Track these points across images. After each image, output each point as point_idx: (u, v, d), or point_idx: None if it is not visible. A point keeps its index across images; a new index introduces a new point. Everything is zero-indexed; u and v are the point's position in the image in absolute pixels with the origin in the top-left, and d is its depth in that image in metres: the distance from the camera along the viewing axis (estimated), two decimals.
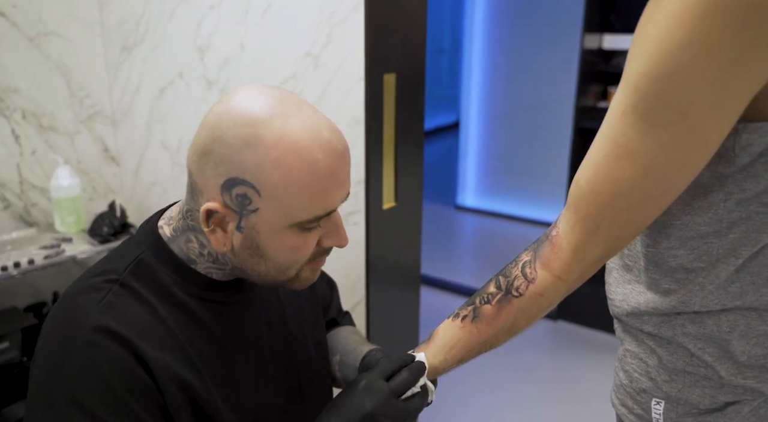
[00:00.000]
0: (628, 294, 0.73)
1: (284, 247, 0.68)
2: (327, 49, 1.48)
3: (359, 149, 1.49)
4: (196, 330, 0.72)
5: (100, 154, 2.03)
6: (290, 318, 0.87)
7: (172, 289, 0.71)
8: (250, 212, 0.65)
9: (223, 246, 0.68)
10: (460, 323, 0.75)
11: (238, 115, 0.63)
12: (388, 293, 1.69)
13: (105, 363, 0.64)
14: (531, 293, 0.69)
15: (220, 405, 0.72)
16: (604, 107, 2.82)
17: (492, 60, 3.99)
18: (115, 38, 1.92)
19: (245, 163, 0.62)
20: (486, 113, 4.14)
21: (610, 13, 2.73)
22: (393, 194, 1.62)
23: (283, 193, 0.63)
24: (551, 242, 0.68)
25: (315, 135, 0.64)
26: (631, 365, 0.75)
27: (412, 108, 1.62)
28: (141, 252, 0.72)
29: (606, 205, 0.61)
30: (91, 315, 0.66)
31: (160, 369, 0.66)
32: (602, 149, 0.60)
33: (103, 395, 0.63)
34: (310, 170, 0.63)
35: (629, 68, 0.57)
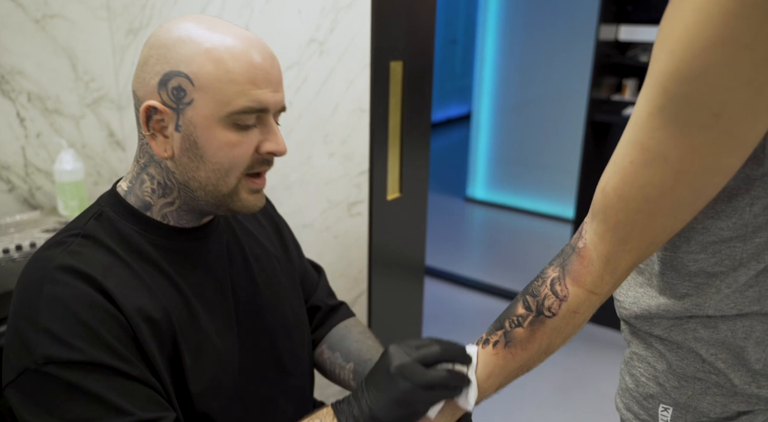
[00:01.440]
0: (639, 297, 0.70)
1: (221, 143, 0.70)
2: (332, 35, 1.45)
3: (364, 138, 1.46)
4: (158, 275, 0.75)
5: (106, 139, 2.02)
6: (261, 281, 0.88)
7: (133, 238, 0.74)
8: (186, 105, 0.69)
9: (164, 152, 0.72)
10: (492, 350, 0.70)
11: (173, 26, 0.71)
12: (391, 285, 1.67)
13: (71, 297, 0.66)
14: (564, 311, 0.65)
15: (181, 346, 0.74)
16: (619, 100, 2.76)
17: (505, 51, 3.93)
18: (120, 22, 1.90)
19: (178, 56, 0.68)
20: (498, 105, 4.09)
21: (626, 3, 2.67)
22: (398, 185, 1.59)
23: (215, 81, 0.68)
24: (579, 255, 0.64)
25: (242, 34, 0.71)
26: (638, 369, 0.72)
27: (419, 97, 1.59)
28: (100, 208, 0.76)
29: (636, 213, 0.58)
30: (57, 260, 0.69)
31: (125, 303, 0.68)
32: (629, 154, 0.56)
33: (73, 324, 0.65)
34: (239, 60, 0.69)
35: (655, 67, 0.53)
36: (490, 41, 3.99)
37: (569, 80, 3.61)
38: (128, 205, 0.76)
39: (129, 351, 0.68)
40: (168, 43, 0.69)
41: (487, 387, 0.71)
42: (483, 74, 4.08)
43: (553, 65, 3.69)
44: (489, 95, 4.12)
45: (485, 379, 0.71)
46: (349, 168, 1.51)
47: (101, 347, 0.65)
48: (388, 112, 1.49)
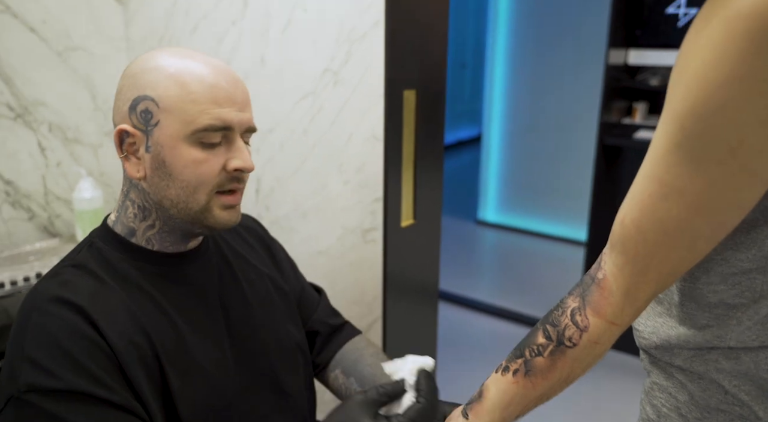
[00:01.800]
0: (658, 327, 0.70)
1: (187, 161, 0.74)
2: (346, 65, 1.48)
3: (378, 166, 1.48)
4: (144, 300, 0.77)
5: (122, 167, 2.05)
6: (255, 302, 0.90)
7: (120, 266, 0.78)
8: (153, 127, 0.74)
9: (137, 173, 0.76)
10: (512, 378, 0.70)
11: (143, 58, 0.77)
12: (405, 311, 1.68)
13: (55, 327, 0.69)
14: (585, 342, 0.65)
15: (167, 370, 0.75)
16: (629, 123, 2.78)
17: (515, 74, 3.97)
18: (139, 53, 1.95)
19: (145, 82, 0.74)
20: (508, 128, 4.12)
21: (635, 28, 2.69)
22: (412, 211, 1.60)
23: (178, 102, 0.73)
24: (599, 286, 0.64)
25: (208, 63, 0.76)
26: (660, 399, 0.72)
27: (432, 124, 1.61)
28: (91, 239, 0.81)
29: (655, 245, 0.58)
30: (47, 292, 0.73)
31: (110, 331, 0.71)
32: (647, 188, 0.57)
33: (55, 352, 0.68)
34: (201, 81, 0.74)
35: (672, 102, 0.54)
36: (499, 65, 4.03)
37: (578, 103, 3.64)
38: (115, 234, 0.80)
39: (113, 379, 0.69)
40: (137, 71, 0.75)
41: (507, 416, 0.71)
42: (492, 97, 4.12)
43: (563, 88, 3.72)
44: (499, 118, 4.15)
45: (505, 407, 0.71)
46: (364, 195, 1.52)
47: (84, 375, 0.67)
48: (402, 140, 1.51)
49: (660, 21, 2.64)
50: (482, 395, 0.73)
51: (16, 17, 1.71)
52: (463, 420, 0.73)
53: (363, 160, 1.51)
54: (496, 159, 4.25)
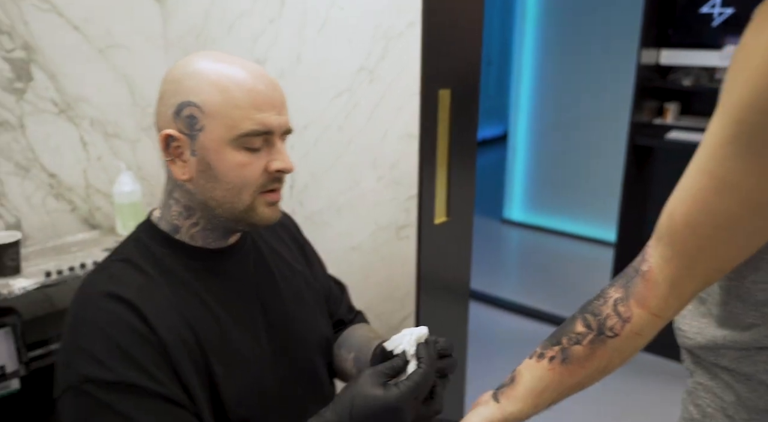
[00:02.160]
0: (703, 327, 0.70)
1: (231, 164, 0.77)
2: (382, 63, 1.50)
3: (413, 163, 1.50)
4: (188, 295, 0.81)
5: (159, 161, 2.10)
6: (288, 297, 0.94)
7: (165, 260, 0.82)
8: (198, 132, 0.77)
9: (183, 175, 0.79)
10: (548, 364, 0.70)
11: (183, 63, 0.79)
12: (437, 308, 1.69)
13: (108, 322, 0.73)
14: (627, 333, 0.65)
15: (212, 361, 0.80)
16: (660, 124, 2.75)
17: (542, 72, 3.95)
18: (176, 51, 1.99)
19: (188, 88, 0.77)
20: (535, 126, 4.09)
21: (667, 27, 2.67)
22: (445, 209, 1.62)
23: (221, 108, 0.76)
24: (644, 278, 0.64)
25: (246, 67, 0.78)
26: (704, 399, 0.71)
27: (466, 122, 1.62)
28: (137, 234, 0.85)
29: (705, 239, 0.59)
30: (98, 286, 0.77)
31: (158, 324, 0.75)
32: (698, 182, 0.58)
33: (109, 346, 0.72)
34: (241, 87, 0.76)
35: (728, 97, 0.55)
36: (526, 62, 4.01)
37: (607, 102, 3.60)
38: (160, 230, 0.84)
39: (162, 372, 0.73)
40: (179, 77, 0.78)
41: (540, 403, 0.71)
42: (519, 95, 4.10)
43: (590, 87, 3.69)
44: (526, 116, 4.13)
45: (539, 394, 0.71)
46: (398, 192, 1.54)
47: (134, 368, 0.72)
48: (437, 138, 1.53)
49: (693, 20, 2.61)
50: (515, 380, 0.73)
51: (61, 16, 1.76)
52: (494, 403, 0.73)
53: (398, 157, 1.53)
54: (523, 157, 4.23)
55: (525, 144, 4.19)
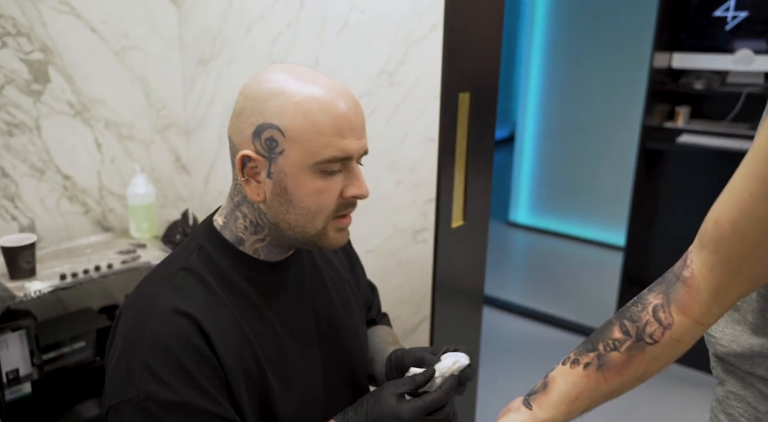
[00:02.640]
0: (738, 335, 0.70)
1: (309, 190, 0.76)
2: (402, 67, 1.49)
3: (432, 167, 1.50)
4: (249, 309, 0.81)
5: (173, 163, 2.10)
6: (338, 305, 0.94)
7: (227, 272, 0.81)
8: (278, 155, 0.75)
9: (257, 196, 0.77)
10: (583, 371, 0.69)
11: (264, 78, 0.76)
12: (452, 312, 1.69)
13: (172, 338, 0.73)
14: (668, 340, 0.65)
15: (269, 377, 0.80)
16: (672, 127, 2.75)
17: (549, 75, 3.95)
18: (191, 53, 1.99)
19: (272, 109, 0.74)
20: (542, 128, 4.09)
21: (680, 31, 2.66)
22: (462, 213, 1.62)
23: (304, 133, 0.73)
24: (686, 284, 0.64)
25: (330, 87, 0.76)
26: (737, 409, 0.71)
27: (484, 126, 1.62)
28: (200, 242, 0.83)
29: (752, 245, 0.58)
30: (163, 297, 0.76)
31: (220, 344, 0.75)
32: (749, 187, 0.57)
33: (171, 364, 0.72)
34: (327, 113, 0.74)
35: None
36: (534, 64, 4.00)
37: (615, 105, 3.60)
38: (224, 240, 0.82)
39: (220, 393, 0.74)
40: (261, 95, 0.75)
41: (573, 410, 0.70)
42: (527, 97, 4.09)
43: (598, 90, 3.68)
44: (533, 118, 4.12)
45: (573, 401, 0.70)
46: (417, 196, 1.54)
47: (194, 388, 0.72)
48: (455, 142, 1.52)
49: (707, 24, 2.60)
50: (548, 386, 0.72)
51: (79, 18, 1.76)
52: (525, 410, 0.72)
53: (416, 160, 1.53)
54: (530, 159, 4.22)
55: (532, 146, 4.18)
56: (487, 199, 1.73)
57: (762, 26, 2.47)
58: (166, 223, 1.96)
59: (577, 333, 2.90)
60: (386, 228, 1.63)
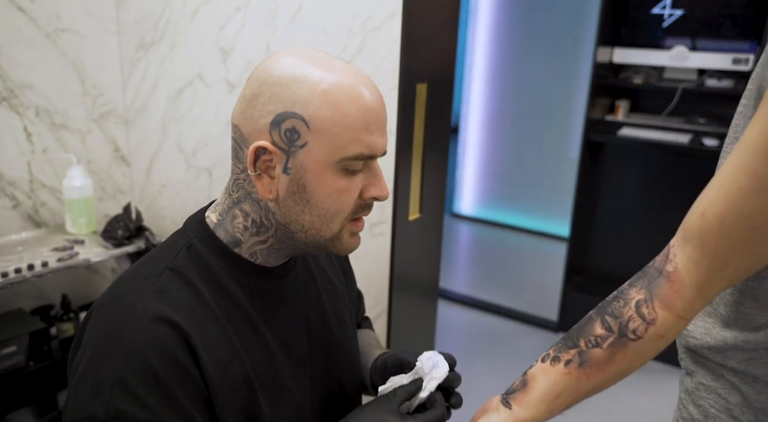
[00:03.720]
0: (710, 328, 0.70)
1: (330, 189, 0.68)
2: (359, 56, 1.45)
3: (389, 159, 1.47)
4: (241, 319, 0.73)
5: (111, 154, 1.98)
6: (331, 317, 0.87)
7: (220, 276, 0.72)
8: (298, 148, 0.67)
9: (269, 193, 0.69)
10: (564, 369, 0.67)
11: (284, 62, 0.68)
12: (409, 304, 1.67)
13: (152, 349, 0.64)
14: (651, 335, 0.64)
15: (259, 395, 0.72)
16: (612, 120, 2.83)
17: (494, 68, 3.99)
18: (130, 36, 1.88)
19: (294, 96, 0.66)
20: (486, 120, 4.14)
21: (620, 27, 2.74)
22: (418, 205, 1.60)
23: (331, 126, 0.66)
24: (670, 279, 0.63)
25: (357, 76, 0.68)
26: (707, 400, 0.71)
27: (441, 117, 1.60)
28: (189, 240, 0.74)
29: (739, 240, 0.58)
30: (144, 300, 0.67)
31: (206, 357, 0.67)
32: (738, 181, 0.56)
33: (147, 378, 0.63)
34: (357, 105, 0.66)
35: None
36: (478, 56, 4.04)
37: (557, 98, 3.68)
38: (218, 240, 0.74)
39: (199, 412, 0.66)
40: (282, 81, 0.66)
41: (554, 408, 0.69)
42: (471, 90, 4.13)
43: (541, 83, 3.76)
44: (477, 110, 4.17)
45: (553, 399, 0.68)
46: None
47: (172, 408, 0.64)
48: (413, 133, 1.50)
49: (645, 21, 2.69)
50: (527, 384, 0.70)
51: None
52: (504, 409, 0.70)
53: None
54: (474, 152, 4.26)
55: (476, 138, 4.23)
56: (442, 191, 1.72)
57: (696, 24, 2.58)
58: (106, 218, 1.85)
59: (524, 322, 2.96)
60: None
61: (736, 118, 0.70)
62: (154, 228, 1.92)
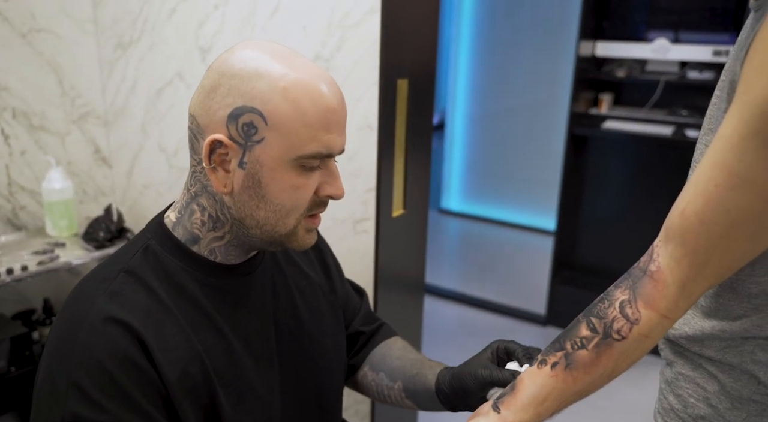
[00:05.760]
0: (689, 318, 0.70)
1: (285, 185, 0.69)
2: (339, 52, 1.44)
3: (371, 156, 1.46)
4: (200, 319, 0.73)
5: (91, 156, 1.96)
6: (304, 314, 0.86)
7: (178, 276, 0.72)
8: (255, 143, 0.67)
9: (223, 187, 0.69)
10: (551, 371, 0.67)
11: (246, 55, 0.68)
12: (394, 301, 1.67)
13: (107, 352, 0.65)
14: (635, 335, 0.63)
15: (220, 395, 0.72)
16: (595, 114, 2.84)
17: (478, 63, 3.99)
18: (108, 36, 1.85)
19: (254, 91, 0.66)
20: (471, 116, 4.14)
21: (603, 20, 2.75)
22: (402, 201, 1.59)
23: (289, 123, 0.66)
24: (653, 278, 0.63)
25: (319, 74, 0.68)
26: (686, 390, 0.72)
27: (423, 113, 1.60)
28: (147, 241, 0.74)
29: (719, 237, 0.57)
30: (97, 303, 0.67)
31: (161, 357, 0.67)
32: (714, 178, 0.56)
33: (103, 381, 0.64)
34: (317, 103, 0.67)
35: (749, 91, 0.54)
36: (463, 51, 4.04)
37: (541, 92, 3.69)
38: (175, 239, 0.74)
39: (159, 412, 0.66)
40: (242, 74, 0.66)
41: (542, 412, 0.68)
42: (456, 85, 4.13)
43: (526, 77, 3.76)
44: (462, 106, 4.17)
45: (541, 402, 0.68)
46: (356, 185, 1.50)
47: (130, 408, 0.64)
48: (395, 129, 1.49)
49: (627, 13, 2.70)
50: (515, 388, 0.71)
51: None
52: (494, 414, 0.70)
53: (354, 149, 1.48)
54: (460, 147, 4.27)
55: (462, 133, 4.23)
56: (426, 186, 1.72)
57: (677, 17, 2.59)
58: (87, 220, 1.83)
59: (512, 316, 2.97)
60: (325, 220, 1.58)
61: (710, 109, 0.70)
62: (136, 230, 1.90)
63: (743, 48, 0.58)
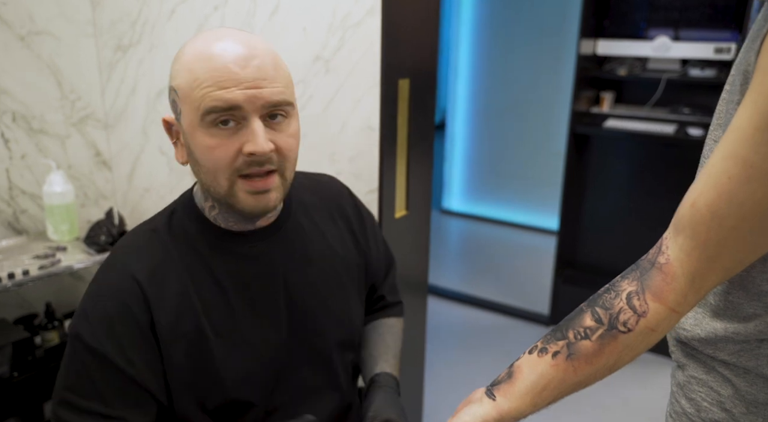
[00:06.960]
0: (700, 319, 0.68)
1: (203, 147, 0.75)
2: (339, 53, 1.43)
3: (374, 156, 1.45)
4: (205, 276, 0.82)
5: (92, 159, 1.95)
6: (320, 284, 0.91)
7: (194, 238, 0.83)
8: (179, 116, 0.77)
9: (181, 158, 0.80)
10: (551, 360, 0.65)
11: (190, 41, 0.77)
12: None
13: (112, 293, 0.78)
14: (642, 328, 0.62)
15: (212, 345, 0.81)
16: (597, 112, 2.83)
17: (479, 62, 3.98)
18: (108, 38, 1.84)
19: (173, 72, 0.77)
20: (472, 115, 4.13)
21: (603, 18, 2.74)
22: (404, 203, 1.58)
23: (187, 89, 0.73)
24: (662, 271, 0.61)
25: (219, 40, 0.74)
26: (699, 393, 0.70)
27: (424, 113, 1.59)
28: (175, 206, 0.86)
29: (731, 230, 0.56)
30: (122, 251, 0.82)
31: (157, 307, 0.78)
32: (727, 170, 0.55)
33: (102, 316, 0.77)
34: (205, 65, 0.73)
35: (764, 82, 0.52)
36: (463, 50, 4.03)
37: (542, 91, 3.68)
38: (194, 206, 0.85)
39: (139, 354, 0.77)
40: (174, 60, 0.77)
41: (539, 401, 0.66)
42: (457, 85, 4.12)
43: (527, 77, 3.75)
44: (463, 106, 4.16)
45: (539, 391, 0.66)
46: (358, 186, 1.49)
47: (114, 343, 0.76)
48: (397, 130, 1.49)
49: (627, 11, 2.69)
50: (513, 376, 0.68)
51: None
52: (488, 400, 0.68)
53: (356, 150, 1.48)
54: (461, 147, 4.25)
55: (463, 133, 4.21)
56: (428, 187, 1.71)
57: (677, 14, 2.58)
58: (88, 223, 1.82)
59: (516, 316, 2.96)
60: None
61: (719, 105, 0.69)
62: None
63: (756, 39, 0.57)
